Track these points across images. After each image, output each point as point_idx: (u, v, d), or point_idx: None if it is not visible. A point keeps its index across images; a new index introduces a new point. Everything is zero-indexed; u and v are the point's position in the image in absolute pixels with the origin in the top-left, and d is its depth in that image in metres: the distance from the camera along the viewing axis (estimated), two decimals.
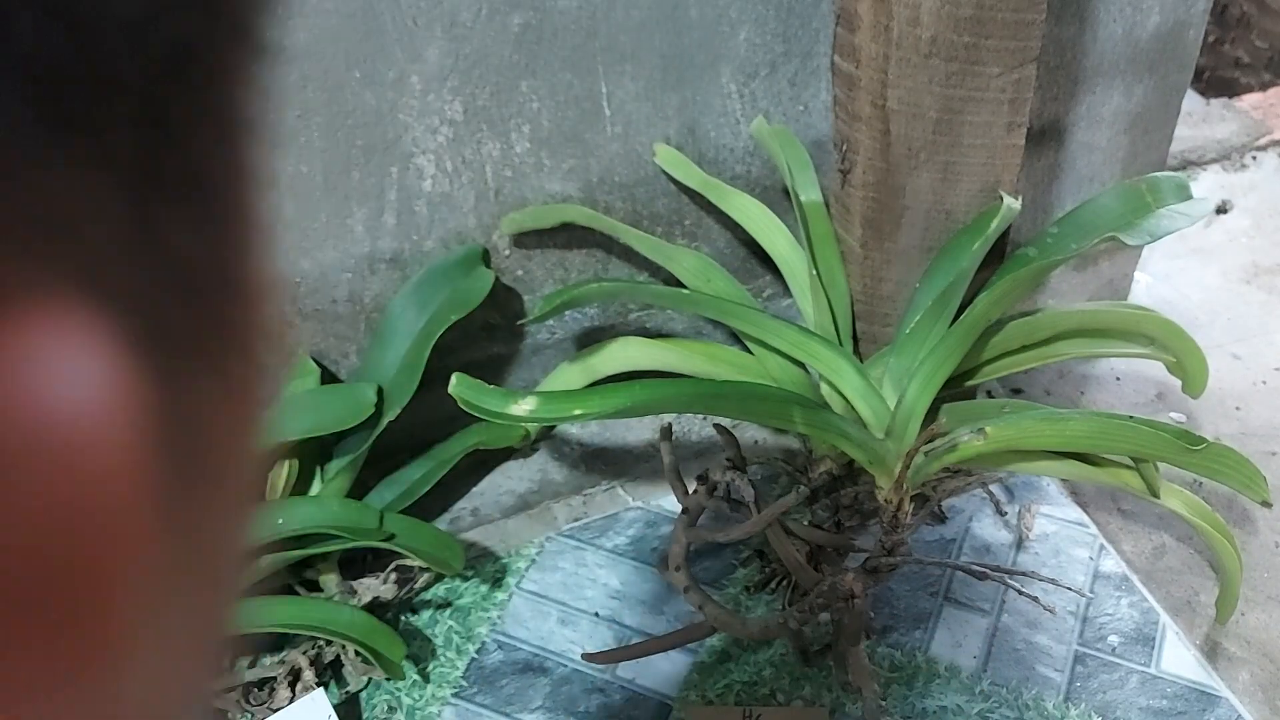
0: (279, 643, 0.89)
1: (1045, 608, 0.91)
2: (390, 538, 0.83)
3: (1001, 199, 0.84)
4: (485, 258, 0.95)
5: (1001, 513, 1.00)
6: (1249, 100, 1.69)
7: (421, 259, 0.93)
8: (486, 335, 1.01)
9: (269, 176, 0.14)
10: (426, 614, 0.94)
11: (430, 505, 1.02)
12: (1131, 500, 1.05)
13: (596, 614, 0.93)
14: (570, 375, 0.99)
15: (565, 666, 0.89)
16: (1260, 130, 1.61)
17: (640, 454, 1.08)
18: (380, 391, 0.88)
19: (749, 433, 1.09)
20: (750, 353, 0.94)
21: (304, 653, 0.85)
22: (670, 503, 1.04)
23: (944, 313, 0.83)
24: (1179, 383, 0.98)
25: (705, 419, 1.10)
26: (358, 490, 0.95)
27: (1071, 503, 1.02)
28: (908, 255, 0.90)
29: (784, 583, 0.92)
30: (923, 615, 0.92)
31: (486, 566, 0.98)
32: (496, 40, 0.84)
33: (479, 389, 0.75)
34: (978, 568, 0.81)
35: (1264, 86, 1.87)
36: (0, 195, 0.10)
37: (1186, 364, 0.94)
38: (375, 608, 0.90)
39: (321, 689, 0.80)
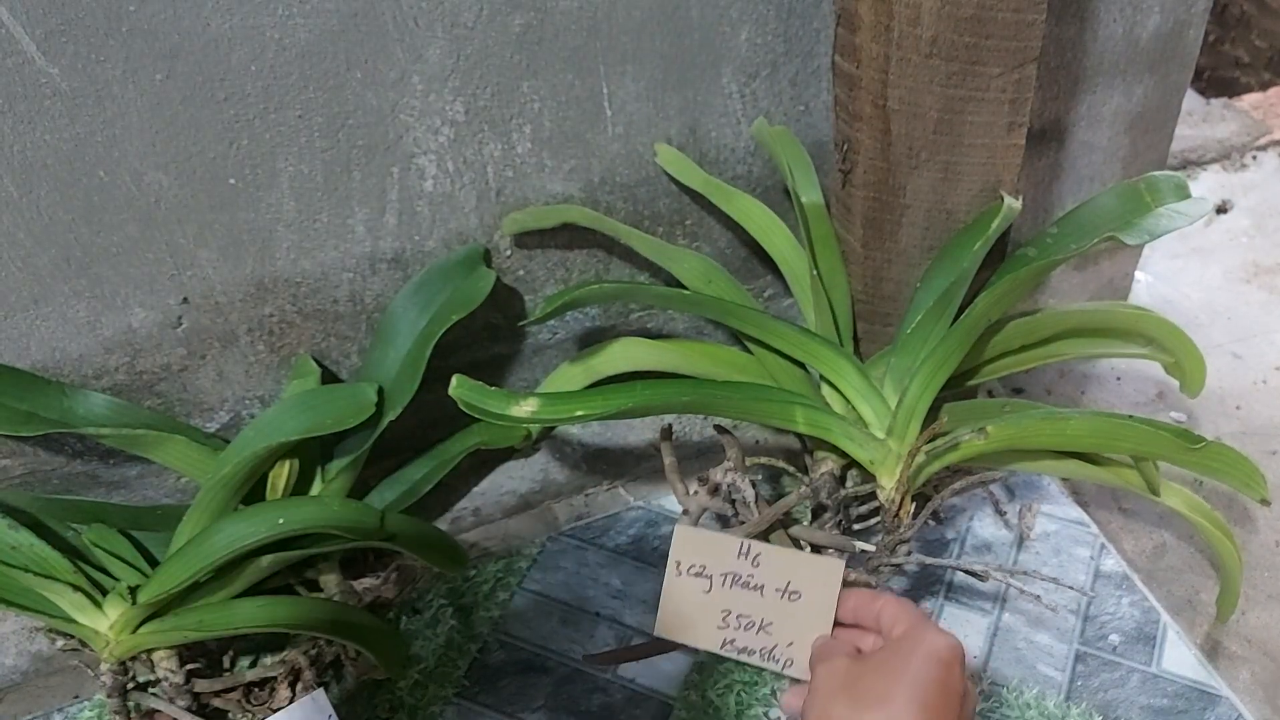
0: (279, 643, 0.89)
1: (1047, 607, 0.91)
2: (391, 538, 0.83)
3: (1002, 199, 0.84)
4: (487, 258, 0.95)
5: (1001, 512, 1.00)
6: (1249, 100, 1.70)
7: (423, 259, 0.93)
8: (488, 335, 1.01)
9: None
10: (428, 614, 0.94)
11: (431, 505, 1.03)
12: (1132, 499, 1.05)
13: (598, 614, 0.94)
14: (572, 375, 1.00)
15: (567, 666, 0.89)
16: (1260, 130, 1.62)
17: (641, 454, 1.09)
18: (381, 391, 0.88)
19: (750, 433, 1.09)
20: (751, 353, 0.94)
21: (304, 653, 0.86)
22: (671, 503, 1.04)
23: (945, 312, 0.83)
24: (1179, 382, 0.98)
25: (706, 419, 1.10)
26: (359, 490, 0.95)
27: (1072, 502, 1.02)
28: (909, 255, 0.90)
29: None
30: None
31: (488, 566, 0.98)
32: (498, 41, 0.84)
33: (480, 390, 0.75)
34: (979, 568, 0.81)
35: (1264, 86, 1.88)
36: None
37: (1184, 364, 0.94)
38: (376, 607, 0.90)
39: (322, 689, 0.80)
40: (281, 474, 0.85)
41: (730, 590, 0.69)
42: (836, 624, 0.67)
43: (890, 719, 0.56)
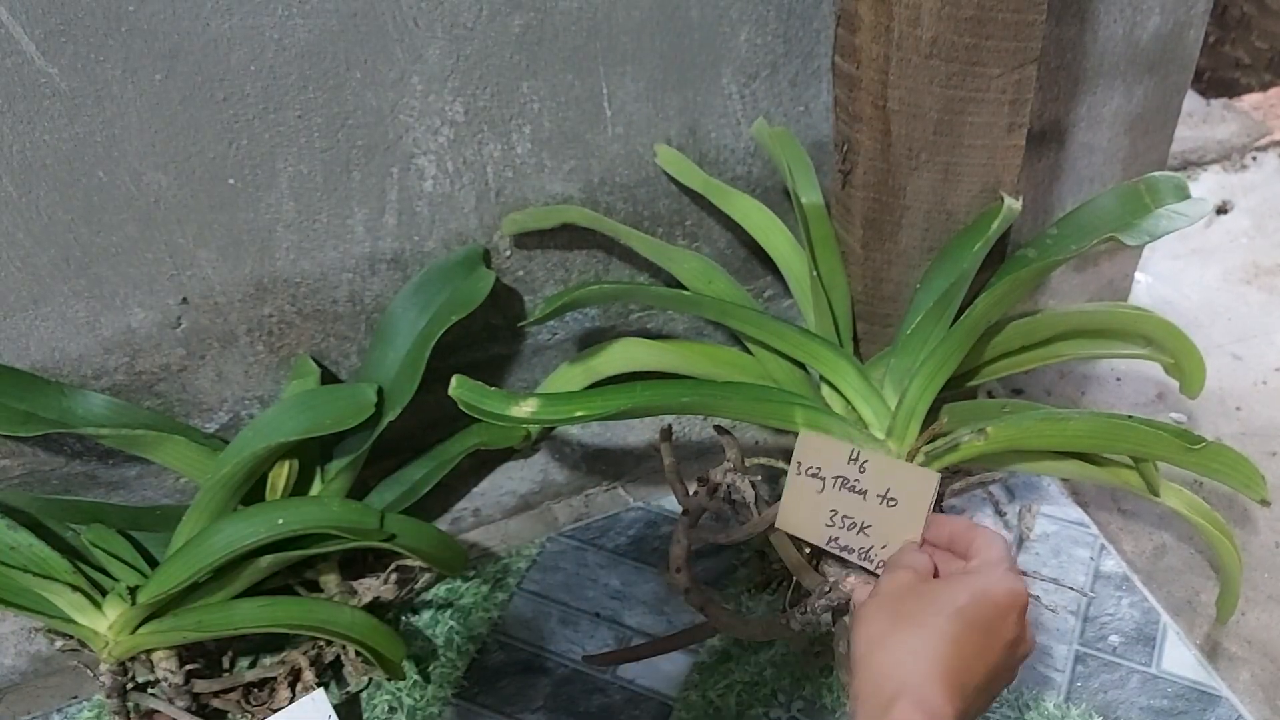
0: (279, 643, 0.89)
1: (1047, 607, 0.91)
2: (391, 538, 0.83)
3: (1002, 200, 0.84)
4: (486, 258, 0.95)
5: (1001, 513, 1.00)
6: (1249, 101, 1.70)
7: (422, 259, 0.93)
8: (487, 336, 1.01)
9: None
10: (427, 614, 0.94)
11: (431, 505, 1.03)
12: (1132, 500, 1.05)
13: (597, 614, 0.94)
14: (571, 376, 1.00)
15: (566, 667, 0.89)
16: (1260, 131, 1.62)
17: (641, 454, 1.09)
18: (381, 392, 0.88)
19: (749, 433, 1.09)
20: (751, 354, 0.94)
21: (304, 653, 0.86)
22: (671, 503, 1.04)
23: (945, 313, 0.83)
24: (1179, 383, 0.98)
25: (706, 420, 1.10)
26: (358, 490, 0.95)
27: (1072, 502, 1.02)
28: (908, 256, 0.90)
29: (785, 583, 0.92)
30: None
31: (487, 567, 0.98)
32: (497, 41, 0.84)
33: (479, 391, 0.75)
34: None
35: (1264, 87, 1.88)
36: None
37: (1184, 364, 0.94)
38: (376, 608, 0.90)
39: (321, 689, 0.80)
40: (281, 474, 0.85)
41: (839, 492, 0.73)
42: (935, 545, 0.68)
43: (918, 642, 0.56)
